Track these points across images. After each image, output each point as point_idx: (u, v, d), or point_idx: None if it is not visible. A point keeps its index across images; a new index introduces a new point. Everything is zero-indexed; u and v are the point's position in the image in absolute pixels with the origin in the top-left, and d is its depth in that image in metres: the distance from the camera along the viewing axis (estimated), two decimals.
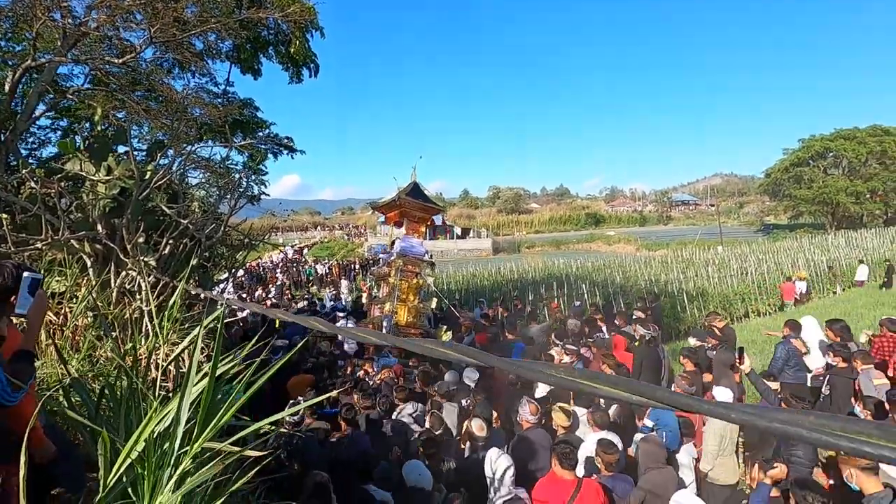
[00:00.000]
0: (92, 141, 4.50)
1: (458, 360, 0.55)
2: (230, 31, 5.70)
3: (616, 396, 0.43)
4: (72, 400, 2.16)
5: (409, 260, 9.65)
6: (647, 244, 46.88)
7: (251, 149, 9.27)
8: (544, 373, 0.46)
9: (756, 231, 51.02)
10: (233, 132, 8.73)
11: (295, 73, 8.66)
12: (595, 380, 0.42)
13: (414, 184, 9.99)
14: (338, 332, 0.83)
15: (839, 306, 13.17)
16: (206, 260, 6.16)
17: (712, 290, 16.21)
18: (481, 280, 22.05)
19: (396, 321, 9.34)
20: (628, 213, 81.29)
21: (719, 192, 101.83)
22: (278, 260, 31.03)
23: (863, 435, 0.30)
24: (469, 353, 0.55)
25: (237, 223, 6.60)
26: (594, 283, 17.10)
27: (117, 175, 4.39)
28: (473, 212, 79.90)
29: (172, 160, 4.81)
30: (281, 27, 7.87)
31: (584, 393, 0.44)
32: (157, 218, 4.63)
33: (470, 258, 42.08)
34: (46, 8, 5.32)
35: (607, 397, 0.42)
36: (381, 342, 0.70)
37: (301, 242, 50.26)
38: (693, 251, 28.01)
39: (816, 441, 0.33)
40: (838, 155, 44.21)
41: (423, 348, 0.57)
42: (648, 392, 0.41)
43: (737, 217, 69.31)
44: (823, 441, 0.32)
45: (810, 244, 25.35)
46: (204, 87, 8.83)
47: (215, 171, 5.49)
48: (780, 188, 47.45)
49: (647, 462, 3.60)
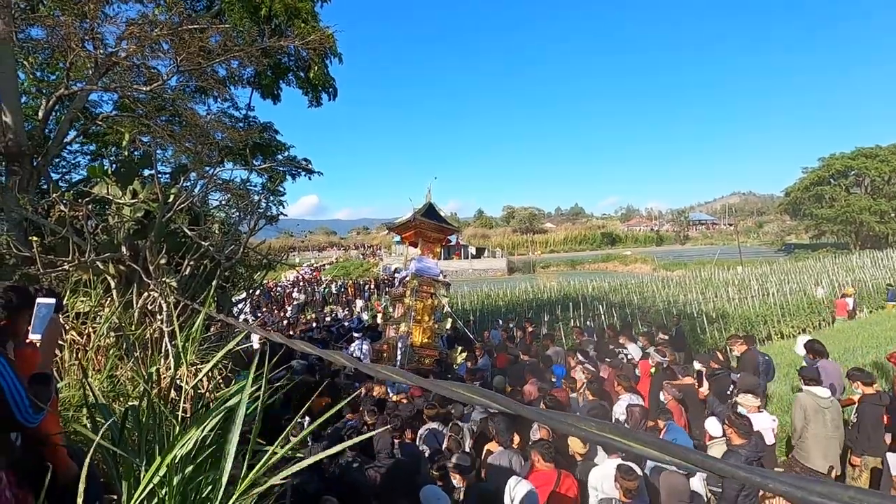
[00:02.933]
0: (119, 165, 4.65)
1: (483, 405, 0.55)
2: (252, 59, 5.90)
3: (648, 455, 0.42)
4: (96, 421, 2.19)
5: (424, 280, 9.66)
6: (665, 264, 46.19)
7: (270, 171, 9.49)
8: (576, 426, 0.45)
9: (777, 251, 50.05)
10: (253, 155, 8.95)
11: (314, 97, 8.90)
12: (627, 437, 0.42)
13: (429, 204, 10.03)
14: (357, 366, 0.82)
15: (884, 323, 12.78)
16: (226, 280, 6.26)
17: (733, 312, 15.86)
18: (496, 300, 21.91)
19: (412, 342, 9.31)
20: (645, 233, 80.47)
21: (738, 212, 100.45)
22: (294, 279, 31.34)
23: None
24: (496, 400, 0.55)
25: (256, 244, 6.71)
26: (611, 303, 16.87)
27: (142, 198, 4.52)
28: (488, 231, 79.93)
29: (195, 183, 4.94)
30: (301, 54, 8.13)
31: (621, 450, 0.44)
32: (178, 240, 4.73)
33: (485, 278, 41.94)
34: (80, 39, 5.58)
35: (641, 455, 0.41)
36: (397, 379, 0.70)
37: (317, 262, 50.78)
38: (712, 271, 27.51)
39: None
40: (860, 173, 43.46)
41: (445, 390, 0.57)
42: (682, 454, 0.41)
43: (756, 236, 68.17)
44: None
45: (834, 264, 24.72)
46: (226, 111, 9.13)
47: (235, 192, 5.61)
48: (800, 207, 46.67)
49: (671, 500, 3.49)
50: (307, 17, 8.77)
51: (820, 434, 4.64)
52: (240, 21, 8.68)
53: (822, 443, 4.64)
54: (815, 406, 4.70)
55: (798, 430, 4.77)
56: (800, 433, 4.76)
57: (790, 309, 15.84)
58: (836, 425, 4.72)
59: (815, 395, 4.75)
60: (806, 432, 4.70)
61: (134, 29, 5.71)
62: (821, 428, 4.64)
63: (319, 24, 8.58)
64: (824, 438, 4.63)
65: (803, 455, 4.74)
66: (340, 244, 74.16)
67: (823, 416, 4.66)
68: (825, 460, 4.61)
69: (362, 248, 65.06)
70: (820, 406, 4.70)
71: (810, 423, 4.68)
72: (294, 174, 10.70)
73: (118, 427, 1.78)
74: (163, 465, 1.47)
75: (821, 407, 4.70)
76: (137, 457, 1.84)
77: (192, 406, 3.04)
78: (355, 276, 38.97)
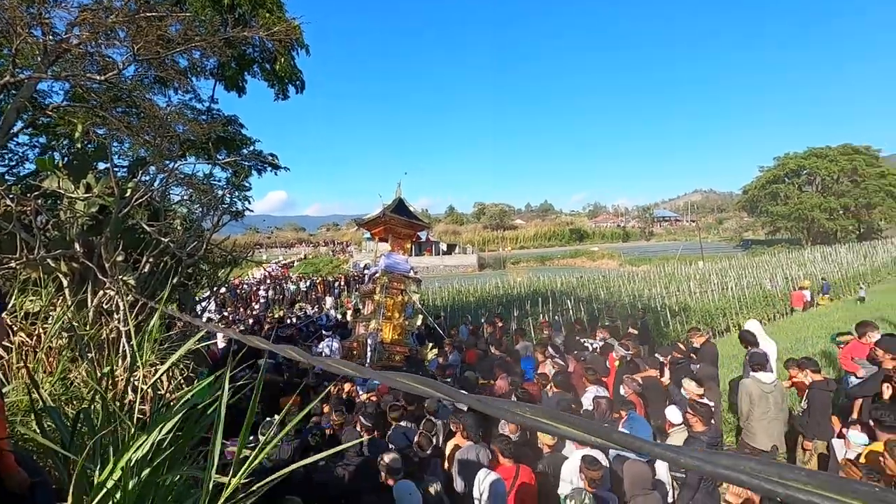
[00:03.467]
0: (71, 158, 4.43)
1: (428, 395, 0.56)
2: (215, 50, 5.71)
3: (575, 437, 0.44)
4: (44, 426, 2.10)
5: (394, 277, 9.62)
6: (630, 259, 47.49)
7: (235, 165, 9.21)
8: (509, 411, 0.47)
9: (735, 246, 52.11)
10: (216, 149, 8.68)
11: (281, 89, 8.68)
12: (556, 420, 0.44)
13: (399, 200, 9.98)
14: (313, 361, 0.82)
15: (833, 314, 13.51)
16: (188, 278, 6.07)
17: (694, 305, 16.45)
18: (467, 296, 22.04)
19: (381, 339, 9.26)
20: (612, 229, 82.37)
21: (699, 209, 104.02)
22: (261, 276, 30.66)
23: (797, 482, 0.32)
24: (439, 389, 0.56)
25: (220, 240, 6.52)
26: (579, 298, 17.22)
27: (97, 192, 4.33)
28: (459, 228, 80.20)
29: (154, 177, 4.76)
30: (266, 45, 7.93)
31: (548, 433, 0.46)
32: (137, 236, 4.56)
33: (455, 274, 42.08)
34: (27, 24, 5.27)
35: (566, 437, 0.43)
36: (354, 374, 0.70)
37: (285, 259, 49.80)
38: (675, 266, 28.44)
39: (756, 487, 0.34)
40: (812, 172, 45.73)
41: (394, 382, 0.58)
42: (605, 434, 0.43)
43: (717, 233, 70.76)
44: (762, 487, 0.34)
45: (787, 259, 25.94)
46: (188, 103, 8.80)
47: (197, 187, 5.43)
48: (757, 205, 48.79)
49: (634, 488, 3.60)
50: (272, 6, 8.53)
51: (764, 417, 4.98)
52: (202, 10, 8.37)
53: (766, 425, 4.98)
54: (759, 391, 5.02)
55: (745, 413, 5.11)
56: (746, 416, 5.09)
57: (747, 302, 16.57)
58: (780, 408, 5.07)
59: (759, 380, 5.07)
60: (752, 416, 5.03)
61: (87, 15, 5.44)
62: (765, 411, 4.99)
63: (285, 15, 8.38)
64: (768, 420, 4.98)
65: (750, 436, 5.08)
66: (310, 241, 72.88)
67: (767, 401, 5.00)
68: (769, 440, 4.95)
69: (332, 244, 64.14)
70: (764, 391, 5.04)
71: (755, 406, 5.00)
72: (260, 169, 10.44)
73: (69, 430, 1.71)
74: (116, 468, 1.42)
75: (764, 392, 5.04)
76: (92, 461, 1.78)
77: (151, 407, 2.95)
78: (325, 273, 38.43)
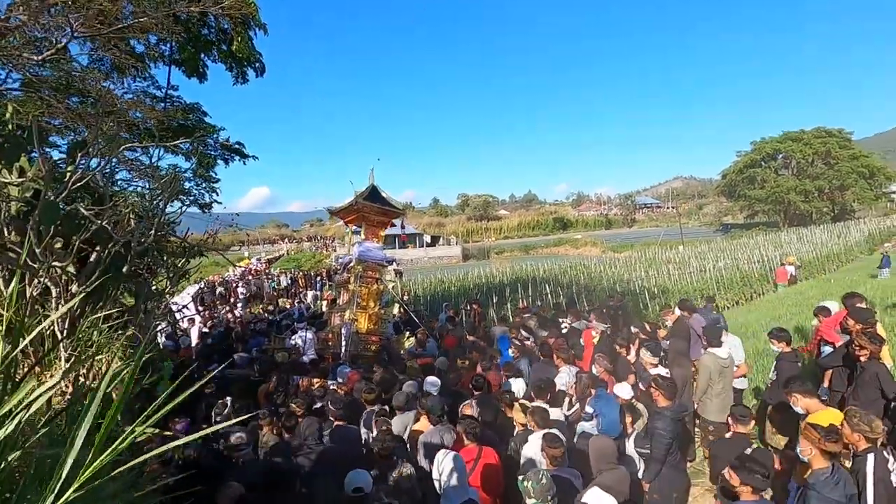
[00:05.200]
0: (2, 141, 4.15)
1: None
2: (164, 28, 5.43)
3: None
4: None
5: (368, 265, 9.42)
6: (613, 246, 47.92)
7: (198, 154, 8.86)
8: None
9: (715, 231, 52.87)
10: (177, 137, 8.37)
11: (239, 72, 8.36)
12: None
13: (372, 187, 9.70)
14: None
15: (807, 292, 13.72)
16: (144, 268, 5.82)
17: (673, 287, 16.58)
18: (449, 286, 21.95)
19: (357, 329, 9.08)
20: (594, 217, 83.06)
21: (680, 195, 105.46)
22: (242, 272, 30.14)
23: None
24: None
25: (190, 233, 6.22)
26: (559, 284, 17.22)
27: (30, 176, 4.06)
28: (443, 220, 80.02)
29: (98, 160, 4.50)
30: (223, 26, 7.59)
31: None
32: (77, 222, 4.30)
33: (440, 265, 42.02)
34: None
35: None
36: None
37: (267, 255, 49.12)
38: (656, 251, 28.71)
39: None
40: (787, 156, 46.50)
41: None
42: None
43: (697, 218, 71.78)
44: None
45: (765, 241, 26.34)
46: (146, 90, 8.44)
47: (141, 171, 5.17)
48: (735, 189, 49.46)
49: (599, 463, 3.51)
50: None
51: (721, 391, 5.09)
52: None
53: (722, 399, 5.09)
54: (717, 367, 5.11)
55: (703, 388, 5.19)
56: (704, 391, 5.18)
57: (725, 283, 16.76)
58: (730, 381, 5.23)
59: (716, 356, 5.18)
60: (711, 391, 5.12)
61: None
62: (722, 386, 5.10)
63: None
64: (723, 394, 5.10)
65: (704, 410, 5.21)
66: (293, 237, 72.03)
67: (724, 376, 5.09)
68: (723, 413, 4.98)
69: (315, 239, 63.46)
70: (721, 366, 5.12)
71: (714, 382, 5.09)
72: (227, 158, 10.11)
73: None
74: None
75: (722, 367, 5.13)
76: None
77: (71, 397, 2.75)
78: (307, 267, 37.97)
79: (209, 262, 6.25)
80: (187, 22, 7.19)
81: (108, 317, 3.98)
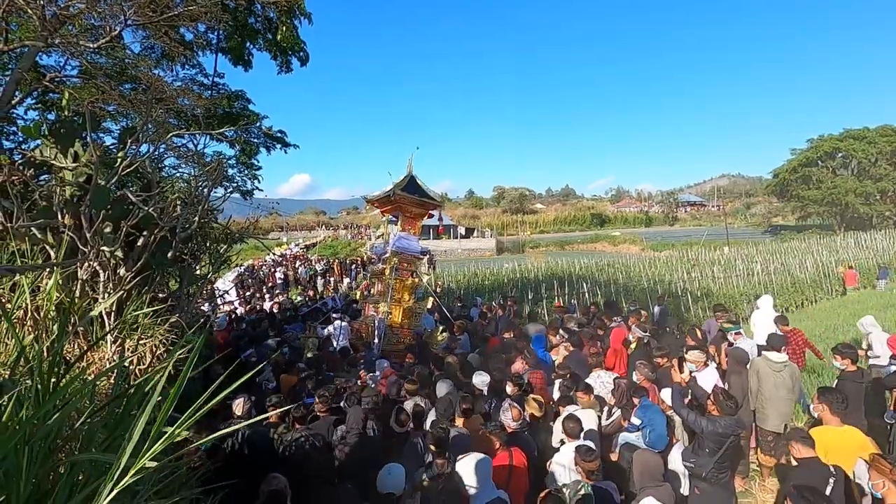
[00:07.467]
0: (58, 126, 4.28)
1: None
2: (212, 16, 5.48)
3: None
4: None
5: (404, 258, 9.37)
6: (653, 244, 46.40)
7: (242, 143, 9.03)
8: None
9: (763, 232, 50.43)
10: (222, 125, 8.52)
11: (284, 61, 8.42)
12: None
13: (410, 177, 9.56)
14: None
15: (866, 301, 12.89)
16: (189, 254, 5.94)
17: (717, 291, 15.87)
18: (482, 279, 21.77)
19: (390, 322, 9.07)
20: (634, 214, 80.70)
21: (726, 193, 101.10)
22: (280, 257, 30.93)
23: None
24: None
25: (228, 218, 6.33)
26: (596, 282, 16.78)
27: (84, 161, 4.18)
28: (478, 212, 79.60)
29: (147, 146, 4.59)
30: (269, 15, 7.64)
31: None
32: (126, 207, 4.40)
33: (473, 258, 41.87)
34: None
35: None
36: None
37: (305, 241, 50.27)
38: (699, 252, 27.58)
39: None
40: (848, 155, 43.60)
41: None
42: None
43: (744, 218, 68.63)
44: None
45: (819, 245, 24.87)
46: (194, 78, 8.63)
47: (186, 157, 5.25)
48: (787, 189, 46.84)
49: (644, 479, 3.32)
50: None
51: (773, 396, 4.86)
52: None
53: (775, 403, 4.85)
54: (766, 369, 4.92)
55: (753, 391, 5.01)
56: (755, 394, 4.99)
57: (774, 288, 15.90)
58: (789, 388, 4.88)
59: (768, 359, 4.99)
60: (760, 395, 4.93)
61: None
62: (772, 389, 4.86)
63: None
64: (777, 399, 4.85)
65: (761, 418, 4.95)
66: (330, 224, 73.40)
67: (775, 379, 4.85)
68: (781, 420, 4.84)
69: (351, 227, 64.44)
70: (772, 369, 4.89)
71: (762, 384, 4.90)
72: (269, 146, 10.26)
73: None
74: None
75: (773, 370, 4.90)
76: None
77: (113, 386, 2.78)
78: (343, 255, 38.59)
79: (249, 246, 6.34)
80: (235, 11, 7.28)
81: (153, 301, 4.06)
